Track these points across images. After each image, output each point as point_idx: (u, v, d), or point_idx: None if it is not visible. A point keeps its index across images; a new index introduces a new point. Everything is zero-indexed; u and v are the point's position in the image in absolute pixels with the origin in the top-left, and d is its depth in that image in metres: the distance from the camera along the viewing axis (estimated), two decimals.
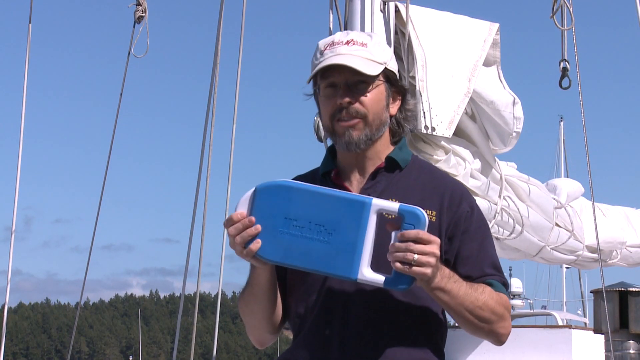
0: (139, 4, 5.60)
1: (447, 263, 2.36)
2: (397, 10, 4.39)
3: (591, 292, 7.47)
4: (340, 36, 2.44)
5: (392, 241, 2.17)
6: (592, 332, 5.66)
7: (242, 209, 2.24)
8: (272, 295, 2.44)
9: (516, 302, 19.31)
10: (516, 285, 20.61)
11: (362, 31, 3.96)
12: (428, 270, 2.17)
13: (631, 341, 6.99)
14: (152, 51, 5.57)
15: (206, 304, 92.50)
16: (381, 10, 4.32)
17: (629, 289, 6.98)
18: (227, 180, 5.28)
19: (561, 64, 5.01)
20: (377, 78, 2.41)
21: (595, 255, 6.13)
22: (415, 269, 2.15)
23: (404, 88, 2.50)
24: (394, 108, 2.47)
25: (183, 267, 5.19)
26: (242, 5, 5.23)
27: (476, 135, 4.74)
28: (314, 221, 2.19)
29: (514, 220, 5.15)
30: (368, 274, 2.19)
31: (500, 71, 4.78)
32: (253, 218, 2.22)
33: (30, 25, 5.52)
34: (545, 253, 5.78)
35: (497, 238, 5.11)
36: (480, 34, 4.62)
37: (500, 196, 5.01)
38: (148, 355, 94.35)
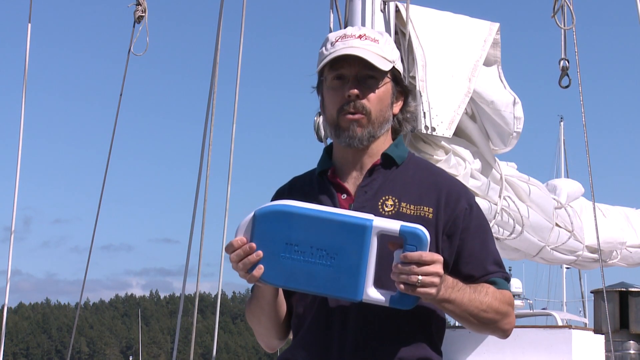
0: (138, 4, 5.59)
1: (445, 262, 2.35)
2: (398, 10, 4.39)
3: (591, 292, 7.47)
4: (353, 30, 2.43)
5: (394, 261, 2.17)
6: (592, 332, 5.65)
7: (242, 234, 2.22)
8: (278, 305, 2.44)
9: (516, 302, 19.29)
10: (516, 285, 20.59)
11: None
12: (432, 291, 2.17)
13: (631, 341, 6.99)
14: (152, 51, 5.58)
15: (206, 304, 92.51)
16: (381, 10, 4.32)
17: (630, 289, 6.99)
18: (227, 180, 5.28)
19: (561, 62, 5.01)
20: (386, 75, 2.41)
21: (596, 256, 6.13)
22: (419, 290, 2.16)
23: (407, 89, 2.49)
24: (397, 108, 2.47)
25: (182, 267, 5.19)
26: (242, 5, 5.23)
27: (476, 135, 4.74)
28: (315, 246, 2.18)
29: (514, 220, 5.15)
30: (373, 294, 2.20)
31: (501, 71, 4.78)
32: (254, 245, 2.20)
33: (29, 25, 5.52)
34: (545, 253, 5.78)
35: (497, 238, 5.11)
36: (481, 33, 4.62)
37: (500, 196, 5.01)
38: (148, 355, 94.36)
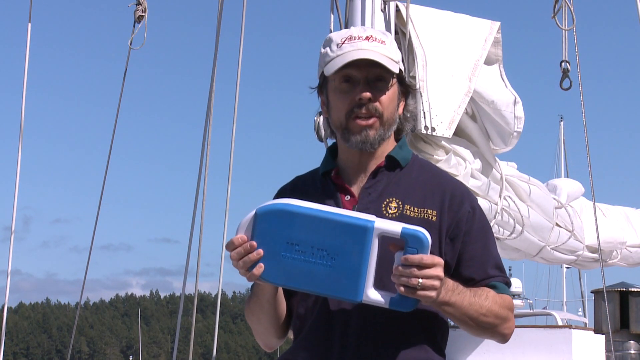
0: (139, 4, 5.59)
1: (447, 264, 2.35)
2: (398, 10, 4.39)
3: (592, 292, 7.47)
4: (359, 31, 2.41)
5: (395, 263, 2.17)
6: (592, 332, 5.65)
7: (243, 232, 2.22)
8: (278, 303, 2.44)
9: (516, 302, 19.31)
10: (516, 285, 20.62)
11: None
12: (433, 294, 2.17)
13: (632, 341, 6.99)
14: (152, 51, 5.61)
15: (206, 304, 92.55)
16: (382, 10, 4.32)
17: (630, 289, 6.99)
18: (227, 180, 5.28)
19: (562, 64, 5.00)
20: (394, 77, 2.40)
21: (596, 255, 6.13)
22: (420, 292, 2.16)
23: (409, 88, 2.48)
24: (401, 108, 2.46)
25: (182, 267, 5.19)
26: (242, 5, 5.23)
27: (476, 135, 4.73)
28: (316, 246, 2.17)
29: (514, 220, 5.14)
30: (373, 296, 2.19)
31: (502, 69, 4.76)
32: (254, 243, 2.20)
33: (29, 25, 5.52)
34: (545, 253, 5.77)
35: (497, 238, 5.11)
36: (481, 32, 4.62)
37: (500, 196, 5.00)
38: (148, 355, 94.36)
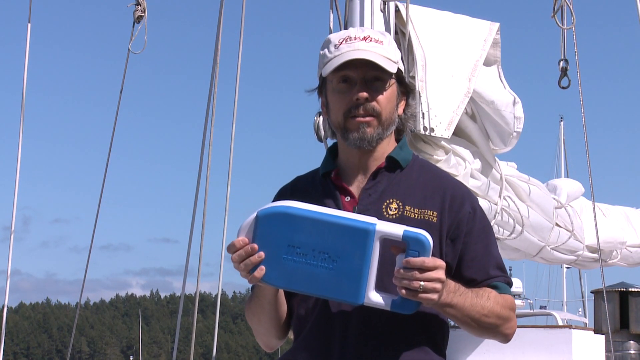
0: (138, 4, 5.59)
1: (448, 265, 2.34)
2: (397, 10, 4.38)
3: (592, 292, 7.47)
4: (356, 32, 2.41)
5: (397, 265, 2.17)
6: (592, 332, 5.65)
7: (244, 235, 2.22)
8: (278, 304, 2.44)
9: (516, 302, 19.19)
10: (516, 285, 20.62)
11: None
12: (434, 296, 2.17)
13: (631, 341, 6.99)
14: (152, 51, 5.61)
15: (207, 304, 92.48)
16: (381, 10, 4.31)
17: (630, 289, 6.98)
18: (227, 180, 5.28)
19: (560, 63, 5.01)
20: (392, 77, 2.40)
21: (596, 255, 6.12)
22: (421, 295, 2.16)
23: (409, 88, 2.49)
24: (401, 108, 2.46)
25: (182, 267, 5.20)
26: (242, 4, 5.23)
27: (476, 135, 4.73)
28: (317, 249, 2.17)
29: (514, 220, 5.14)
30: (374, 298, 2.19)
31: (501, 71, 4.77)
32: (256, 246, 2.20)
33: (29, 25, 5.52)
34: (545, 253, 5.77)
35: (497, 238, 5.10)
36: (481, 33, 4.62)
37: (500, 196, 5.00)
38: (149, 355, 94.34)
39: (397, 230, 2.17)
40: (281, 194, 2.53)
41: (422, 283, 2.14)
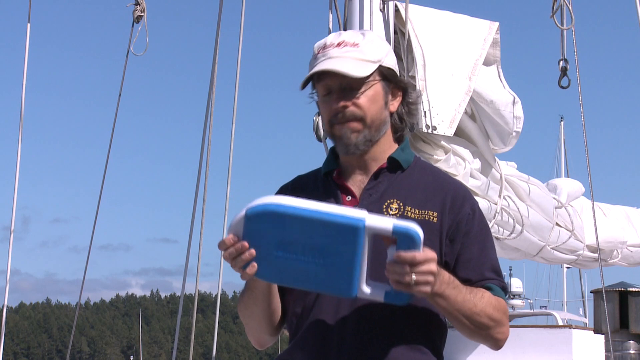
0: (137, 4, 5.60)
1: (447, 265, 2.35)
2: (397, 10, 4.38)
3: (591, 292, 7.46)
4: (333, 38, 2.41)
5: (388, 258, 2.15)
6: (592, 332, 5.65)
7: (235, 232, 2.21)
8: (272, 297, 2.43)
9: (516, 302, 19.29)
10: (516, 285, 20.59)
11: (371, 31, 3.97)
12: (427, 289, 2.16)
13: (631, 341, 6.98)
14: (151, 51, 5.58)
15: (207, 303, 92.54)
16: (380, 10, 4.31)
17: (629, 289, 6.97)
18: (226, 179, 5.28)
19: (560, 63, 5.01)
20: (371, 77, 2.38)
21: (596, 255, 6.12)
22: (414, 288, 2.15)
23: (403, 83, 2.46)
24: (395, 105, 2.44)
25: (181, 267, 5.20)
26: (242, 4, 5.23)
27: (476, 134, 4.73)
28: (307, 245, 2.16)
29: (514, 220, 5.14)
30: (367, 291, 2.18)
31: (500, 70, 4.77)
32: (246, 243, 2.19)
33: (28, 24, 5.52)
34: (545, 253, 5.77)
35: (497, 238, 5.10)
36: (480, 33, 4.62)
37: (500, 196, 5.00)
38: (149, 355, 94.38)
39: (386, 224, 2.15)
40: (282, 193, 2.53)
41: (414, 277, 2.13)
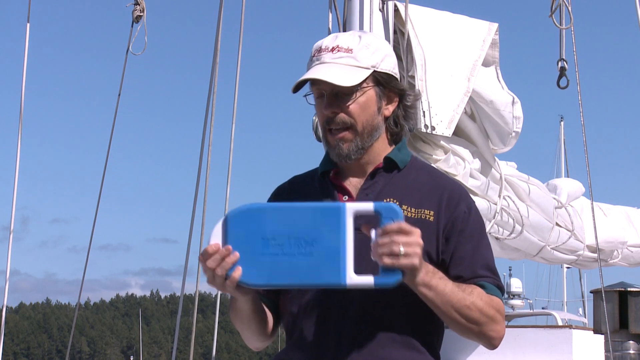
0: (137, 3, 5.60)
1: (444, 263, 2.35)
2: (396, 10, 4.38)
3: (591, 292, 7.47)
4: (329, 41, 2.40)
5: (373, 240, 2.15)
6: (592, 332, 5.65)
7: (216, 240, 2.17)
8: (257, 315, 2.41)
9: (516, 302, 19.29)
10: (516, 285, 20.58)
11: (369, 32, 3.97)
12: (416, 260, 2.14)
13: (631, 341, 6.98)
14: (150, 51, 5.58)
15: (207, 303, 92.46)
16: (380, 10, 4.31)
17: (629, 289, 6.98)
18: (226, 180, 5.28)
19: (559, 63, 5.01)
20: (364, 84, 2.36)
21: (596, 255, 6.12)
22: (402, 260, 2.13)
23: (400, 87, 2.44)
24: (389, 109, 2.43)
25: (181, 267, 5.19)
26: (242, 4, 5.23)
27: (476, 134, 4.73)
28: (292, 236, 2.15)
29: (513, 220, 5.14)
30: (357, 278, 2.16)
31: (499, 71, 4.77)
32: (230, 247, 2.15)
33: (28, 24, 5.52)
34: (545, 253, 5.77)
35: (497, 238, 5.10)
36: (480, 33, 4.62)
37: (500, 196, 5.00)
38: (149, 355, 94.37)
39: (367, 204, 2.18)
40: (278, 193, 2.53)
41: (402, 247, 2.11)
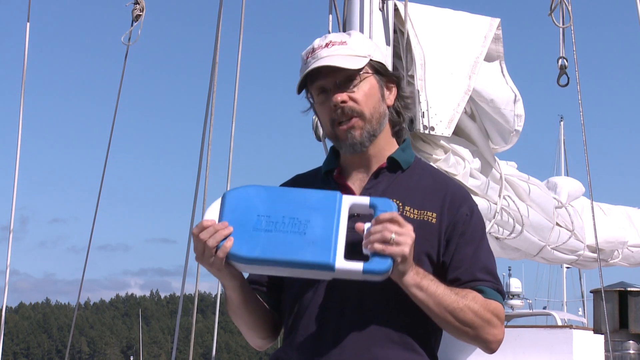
0: (136, 3, 5.59)
1: (444, 265, 2.35)
2: (396, 9, 4.37)
3: (591, 292, 7.46)
4: (319, 41, 2.44)
5: (366, 231, 2.18)
6: (592, 332, 5.64)
7: (212, 216, 2.22)
8: (250, 309, 2.43)
9: (516, 302, 19.30)
10: (515, 285, 20.59)
11: (357, 31, 3.98)
12: (406, 249, 2.16)
13: (631, 341, 6.98)
14: (150, 50, 5.58)
15: (207, 304, 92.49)
16: (380, 9, 4.30)
17: (629, 289, 6.97)
18: (226, 180, 5.27)
19: (559, 61, 5.00)
20: (364, 71, 2.40)
21: (597, 255, 6.12)
22: (393, 248, 2.14)
23: (396, 76, 2.49)
24: (391, 98, 2.46)
25: (181, 267, 5.17)
26: (241, 4, 5.22)
27: (476, 134, 4.72)
28: (287, 215, 2.20)
29: (514, 219, 5.13)
30: (346, 263, 2.18)
31: (504, 66, 4.73)
32: (225, 222, 2.20)
33: (28, 24, 5.52)
34: (545, 253, 5.76)
35: (497, 238, 5.09)
36: (481, 29, 4.59)
37: (500, 195, 4.99)
38: (149, 355, 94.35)
39: (363, 198, 2.25)
40: None
41: (393, 234, 2.14)
